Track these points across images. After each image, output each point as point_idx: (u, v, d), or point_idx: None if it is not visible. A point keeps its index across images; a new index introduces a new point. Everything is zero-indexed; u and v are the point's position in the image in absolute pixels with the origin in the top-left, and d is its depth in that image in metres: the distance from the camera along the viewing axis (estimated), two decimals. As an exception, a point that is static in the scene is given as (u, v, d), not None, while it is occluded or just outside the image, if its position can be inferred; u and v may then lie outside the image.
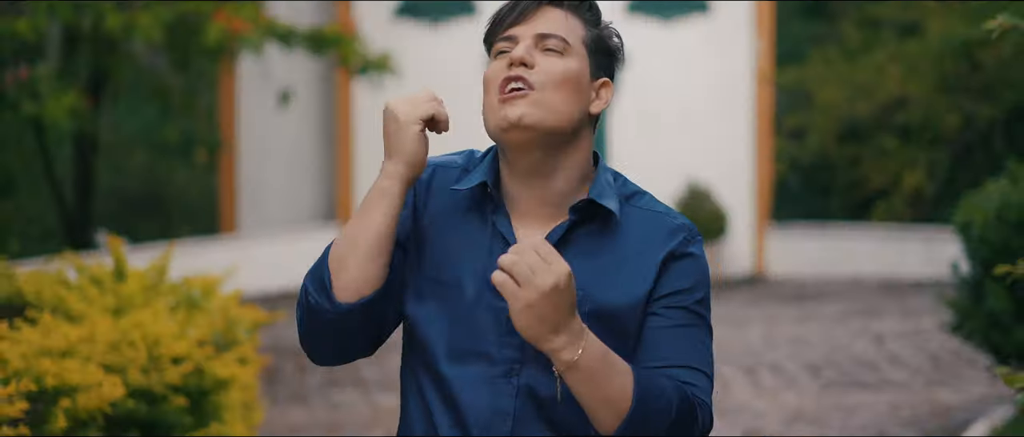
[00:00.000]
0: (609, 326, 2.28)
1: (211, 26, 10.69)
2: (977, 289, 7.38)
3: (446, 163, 2.45)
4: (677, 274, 2.34)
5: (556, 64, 2.32)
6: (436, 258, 2.35)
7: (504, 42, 2.37)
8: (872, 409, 8.60)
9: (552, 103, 2.30)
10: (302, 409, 9.22)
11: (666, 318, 2.31)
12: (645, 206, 2.42)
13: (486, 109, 2.36)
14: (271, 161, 17.67)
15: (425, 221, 2.38)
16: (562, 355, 2.17)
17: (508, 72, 2.31)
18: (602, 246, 2.34)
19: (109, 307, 4.78)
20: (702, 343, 2.34)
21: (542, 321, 2.15)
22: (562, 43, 2.34)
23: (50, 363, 3.65)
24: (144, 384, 4.23)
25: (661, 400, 2.22)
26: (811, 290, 15.51)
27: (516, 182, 2.35)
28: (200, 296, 5.14)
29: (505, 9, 2.39)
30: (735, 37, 17.16)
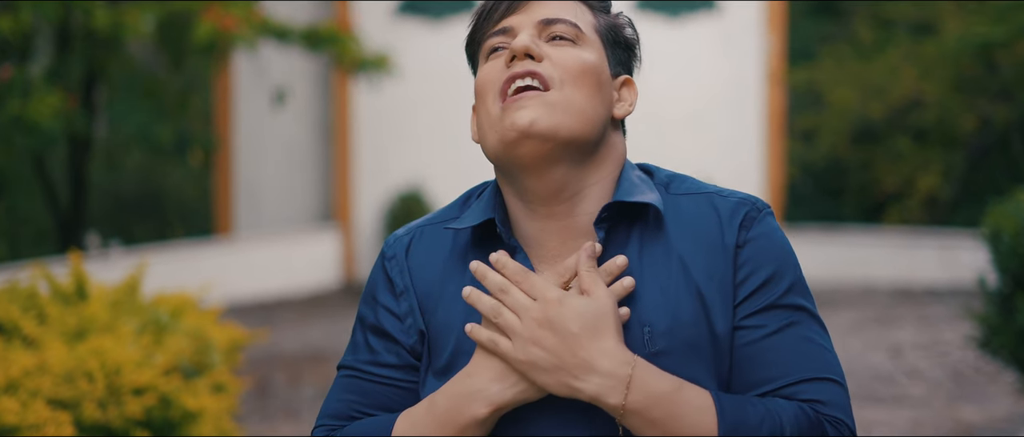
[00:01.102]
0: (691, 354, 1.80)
1: (201, 23, 10.37)
2: (1006, 303, 6.97)
3: (432, 221, 1.95)
4: (754, 258, 1.84)
5: (571, 54, 1.84)
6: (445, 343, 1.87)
7: (498, 37, 1.89)
8: (891, 426, 8.23)
9: (572, 103, 1.81)
10: (293, 424, 8.87)
11: (756, 328, 1.82)
12: (691, 189, 1.92)
13: (484, 123, 1.86)
14: (267, 161, 17.47)
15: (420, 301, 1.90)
16: (606, 400, 1.73)
17: (511, 70, 1.83)
18: (658, 255, 1.84)
19: (69, 330, 4.36)
20: (811, 342, 1.82)
21: (554, 369, 1.72)
22: (573, 29, 1.87)
23: (-15, 402, 3.25)
24: (101, 420, 3.82)
25: (762, 431, 1.72)
26: (823, 296, 15.14)
27: (534, 217, 1.86)
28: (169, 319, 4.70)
29: (488, 5, 1.92)
30: (745, 36, 16.94)
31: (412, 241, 1.91)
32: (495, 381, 1.75)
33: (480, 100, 1.86)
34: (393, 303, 1.89)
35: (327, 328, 13.09)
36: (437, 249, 1.89)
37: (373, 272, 1.94)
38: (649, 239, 1.84)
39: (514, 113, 1.79)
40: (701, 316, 1.81)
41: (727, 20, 16.92)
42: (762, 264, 1.84)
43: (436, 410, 1.77)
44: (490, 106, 1.84)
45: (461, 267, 1.87)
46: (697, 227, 1.86)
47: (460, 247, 1.89)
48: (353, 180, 16.82)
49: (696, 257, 1.84)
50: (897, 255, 16.15)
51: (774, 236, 1.87)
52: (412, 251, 1.90)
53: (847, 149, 17.80)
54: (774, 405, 1.77)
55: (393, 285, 1.90)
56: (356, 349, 1.92)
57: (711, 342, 1.81)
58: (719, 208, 1.88)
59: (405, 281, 1.88)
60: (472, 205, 1.92)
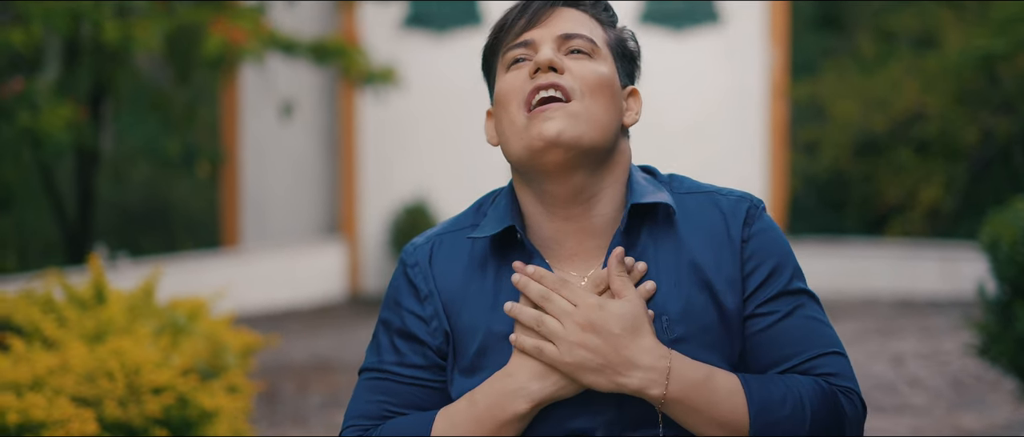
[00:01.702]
0: (708, 340, 1.99)
1: (211, 37, 10.48)
2: (1005, 311, 7.07)
3: (451, 229, 2.08)
4: (760, 251, 2.05)
5: (588, 67, 1.99)
6: (469, 344, 2.00)
7: (519, 49, 2.01)
8: (892, 433, 8.33)
9: (592, 113, 1.96)
10: (302, 431, 8.97)
11: (769, 315, 2.02)
12: (692, 189, 2.12)
13: (508, 130, 1.98)
14: (274, 174, 17.53)
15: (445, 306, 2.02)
16: (649, 392, 1.91)
17: (536, 81, 1.96)
18: (672, 253, 2.01)
19: (88, 332, 4.48)
20: (816, 320, 2.06)
21: (600, 369, 1.89)
22: (590, 44, 2.01)
23: (13, 399, 3.35)
24: (121, 417, 3.93)
25: (786, 407, 1.93)
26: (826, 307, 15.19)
27: (552, 218, 2.01)
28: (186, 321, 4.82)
29: (513, 13, 2.03)
30: (748, 49, 17.01)
31: (433, 249, 2.04)
32: (535, 379, 1.89)
33: (503, 108, 1.98)
34: (418, 307, 2.01)
35: (334, 339, 13.19)
36: (457, 256, 2.02)
37: (394, 279, 2.06)
38: (660, 235, 2.01)
39: (541, 124, 1.92)
40: (711, 304, 1.99)
41: (730, 33, 16.97)
42: (767, 257, 2.03)
43: (477, 408, 1.91)
44: (515, 115, 1.97)
45: (481, 272, 2.00)
46: (703, 223, 2.03)
47: (479, 253, 2.02)
48: (359, 192, 16.89)
49: (704, 251, 2.01)
50: (899, 267, 16.22)
51: (773, 230, 2.08)
52: (434, 258, 2.03)
53: (849, 162, 17.88)
54: (793, 382, 1.95)
55: (417, 291, 2.02)
56: (381, 352, 2.03)
57: (722, 328, 1.98)
58: (721, 206, 2.06)
59: (429, 286, 2.01)
60: (488, 212, 2.05)
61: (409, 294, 2.03)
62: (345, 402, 9.76)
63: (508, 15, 2.05)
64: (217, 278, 14.39)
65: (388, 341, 2.03)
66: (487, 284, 1.99)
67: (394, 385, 2.02)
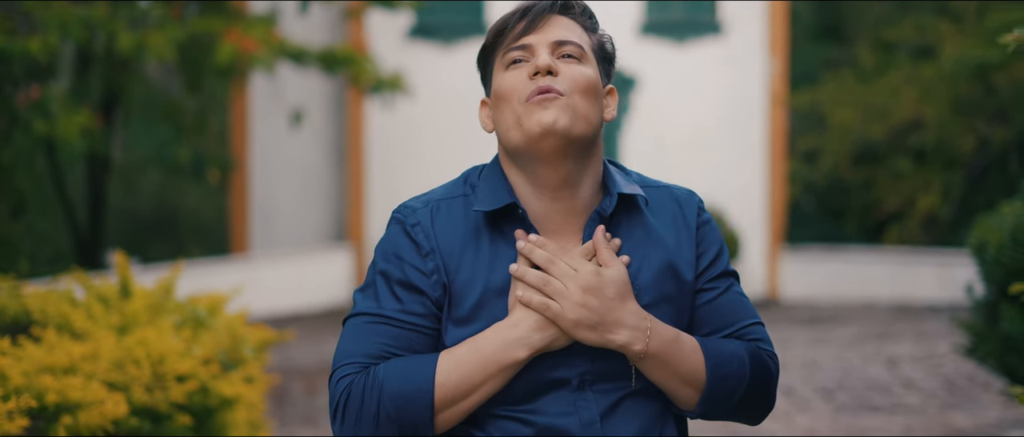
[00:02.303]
0: (669, 307, 2.30)
1: (222, 46, 10.69)
2: (992, 311, 7.29)
3: (445, 196, 2.35)
4: (708, 240, 2.38)
5: (578, 70, 2.27)
6: (465, 299, 2.27)
7: (518, 51, 2.29)
8: (885, 432, 8.54)
9: (580, 108, 2.25)
10: (311, 430, 9.18)
11: (713, 290, 2.36)
12: (650, 183, 2.41)
13: (507, 120, 2.26)
14: (282, 181, 17.70)
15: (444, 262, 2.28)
16: (632, 348, 2.22)
17: (536, 82, 2.24)
18: (641, 234, 2.32)
19: (114, 325, 4.73)
20: (743, 296, 2.40)
21: (596, 326, 2.19)
22: (579, 49, 2.29)
23: (52, 380, 3.61)
24: (148, 402, 4.18)
25: (733, 364, 2.28)
26: (825, 313, 15.44)
27: (543, 197, 2.28)
28: (206, 314, 5.08)
29: (512, 18, 2.31)
30: (749, 59, 17.17)
31: (433, 212, 2.31)
32: (536, 331, 2.19)
33: (504, 101, 2.27)
34: (420, 262, 2.28)
35: (341, 343, 13.38)
36: (456, 220, 2.29)
37: (393, 236, 2.33)
38: (632, 219, 2.32)
39: (541, 112, 2.22)
40: (672, 278, 2.32)
41: (731, 43, 17.15)
42: (713, 242, 2.38)
43: (482, 352, 2.19)
44: (515, 107, 2.25)
45: (476, 237, 2.27)
46: (665, 211, 2.36)
47: (475, 220, 2.29)
48: (366, 200, 17.05)
49: (667, 234, 2.34)
50: (897, 273, 16.41)
51: (713, 221, 2.41)
52: (435, 221, 2.29)
53: (849, 170, 18.04)
54: (735, 345, 2.33)
55: (419, 247, 2.29)
56: (381, 300, 2.28)
57: (680, 298, 2.33)
58: (677, 197, 2.40)
59: (432, 243, 2.28)
60: (480, 186, 2.32)
61: (411, 250, 2.28)
62: (353, 402, 10.00)
63: (508, 19, 2.31)
64: (226, 284, 14.58)
65: (388, 290, 2.28)
66: (483, 247, 2.26)
67: (394, 329, 2.26)
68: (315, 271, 16.59)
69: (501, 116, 2.28)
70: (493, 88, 2.31)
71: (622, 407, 2.26)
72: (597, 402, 2.24)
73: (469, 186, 2.34)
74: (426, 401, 2.19)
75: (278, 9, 13.19)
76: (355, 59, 11.90)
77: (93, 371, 3.94)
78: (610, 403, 2.25)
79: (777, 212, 17.18)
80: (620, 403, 2.26)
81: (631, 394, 2.27)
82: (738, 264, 16.88)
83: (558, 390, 2.23)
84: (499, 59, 2.32)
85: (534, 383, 2.23)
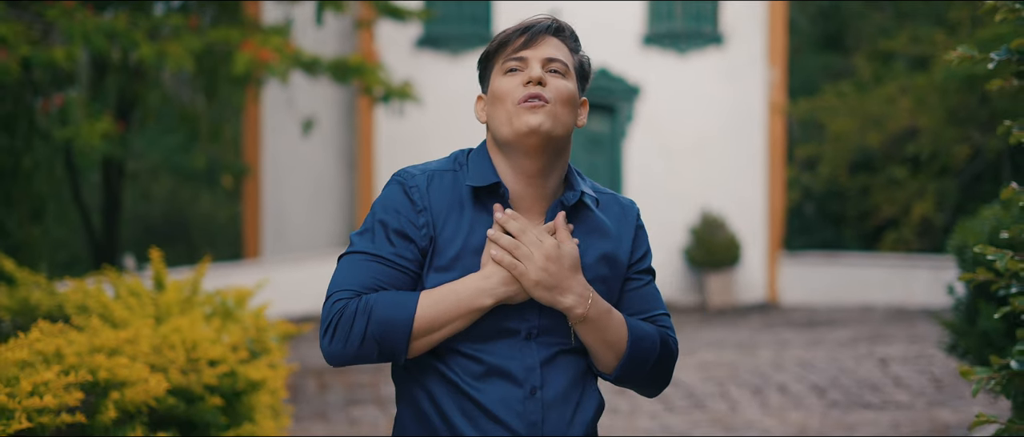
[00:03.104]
0: (603, 287, 2.81)
1: (239, 55, 11.05)
2: (971, 310, 7.67)
3: (439, 169, 2.83)
4: (640, 242, 2.90)
5: (561, 84, 2.76)
6: (446, 252, 2.74)
7: (515, 62, 2.78)
8: (874, 427, 8.90)
9: (561, 115, 2.74)
10: (323, 425, 9.52)
11: (640, 281, 2.89)
12: (600, 190, 2.92)
13: (500, 117, 2.76)
14: (294, 187, 17.97)
15: (433, 219, 2.76)
16: (574, 311, 2.72)
17: (527, 90, 2.72)
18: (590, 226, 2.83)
19: (149, 315, 5.14)
20: (658, 290, 2.94)
21: (551, 288, 2.70)
22: (564, 67, 2.79)
23: (103, 359, 4.01)
24: (183, 384, 4.59)
25: (648, 341, 2.81)
26: (822, 317, 15.79)
27: (520, 181, 2.78)
28: (234, 306, 5.50)
29: (513, 33, 2.81)
30: (749, 69, 17.47)
31: (429, 179, 2.80)
32: (502, 285, 2.71)
33: (500, 101, 2.77)
34: (414, 216, 2.76)
35: (351, 344, 13.75)
36: (446, 189, 2.79)
37: (393, 193, 2.80)
38: (583, 213, 2.85)
39: (529, 115, 2.72)
40: (608, 264, 2.84)
41: (731, 54, 17.44)
42: (644, 243, 2.93)
43: (457, 295, 2.69)
44: (508, 107, 2.75)
45: (460, 205, 2.77)
46: (612, 212, 2.90)
47: (461, 191, 2.78)
48: None
49: (610, 229, 2.86)
50: (893, 278, 16.74)
51: (645, 228, 2.95)
52: (430, 186, 2.78)
53: (846, 178, 18.34)
54: (649, 327, 2.86)
55: (415, 204, 2.76)
56: (376, 243, 2.75)
57: (612, 281, 2.84)
58: (622, 203, 2.93)
59: (425, 202, 2.77)
60: (469, 165, 2.82)
61: (408, 206, 2.75)
62: (364, 400, 10.40)
63: (510, 34, 2.81)
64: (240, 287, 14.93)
65: (384, 236, 2.74)
66: (466, 213, 2.76)
67: (385, 268, 2.72)
68: (326, 275, 16.52)
69: (495, 112, 2.77)
70: (491, 88, 2.82)
71: (558, 360, 2.77)
72: (538, 352, 2.74)
73: (458, 164, 2.83)
74: (405, 329, 2.67)
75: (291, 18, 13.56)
76: (366, 69, 12.24)
77: (135, 354, 4.35)
78: (550, 354, 2.75)
79: (776, 219, 17.49)
80: (557, 356, 2.76)
81: (567, 351, 2.78)
82: (739, 269, 17.23)
83: (509, 338, 2.73)
84: (498, 65, 2.81)
85: (491, 329, 2.72)
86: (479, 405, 2.71)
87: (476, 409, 2.72)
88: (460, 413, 2.72)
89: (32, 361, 3.71)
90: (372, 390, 10.85)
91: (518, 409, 2.72)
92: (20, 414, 3.37)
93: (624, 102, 17.42)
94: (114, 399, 4.03)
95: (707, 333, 14.32)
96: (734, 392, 10.25)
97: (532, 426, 2.72)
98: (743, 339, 13.62)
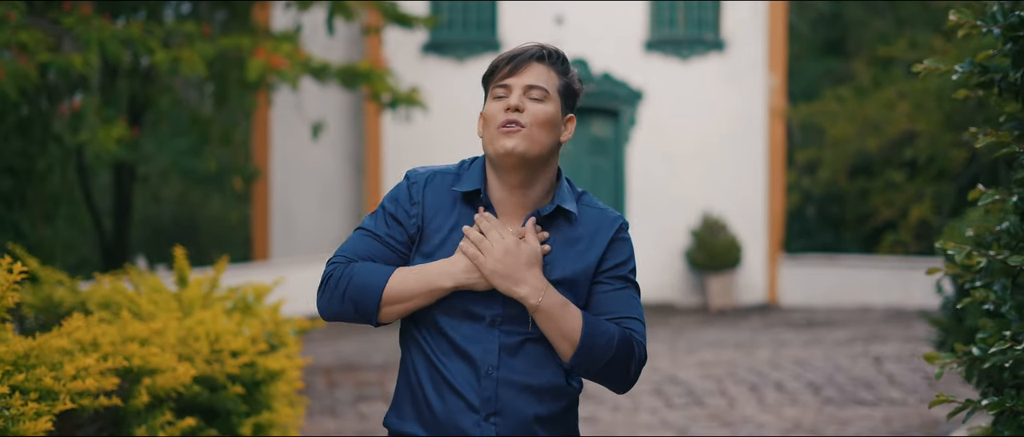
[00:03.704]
0: (570, 289, 3.15)
1: (253, 62, 11.34)
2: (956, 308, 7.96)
3: (443, 171, 3.23)
4: (615, 252, 3.21)
5: (539, 109, 3.11)
6: (432, 240, 3.14)
7: (500, 88, 3.13)
8: (866, 421, 9.19)
9: (536, 137, 3.10)
10: (333, 421, 9.80)
11: (609, 285, 3.20)
12: (590, 204, 3.24)
13: (486, 138, 3.15)
14: (302, 190, 18.20)
15: (424, 212, 3.16)
16: (528, 300, 3.07)
17: (505, 115, 3.08)
18: (566, 233, 3.17)
19: (173, 310, 5.44)
20: (634, 299, 3.23)
21: (505, 277, 3.06)
22: (543, 92, 3.13)
23: (136, 347, 4.31)
24: (208, 373, 4.89)
25: (603, 336, 3.11)
26: (821, 317, 16.07)
27: (503, 190, 3.15)
28: (253, 300, 5.81)
29: (502, 61, 3.16)
30: (749, 75, 17.72)
31: (428, 180, 3.20)
32: (464, 272, 3.09)
33: (487, 123, 3.16)
34: (408, 207, 3.18)
35: (357, 343, 14.06)
36: (440, 190, 3.19)
37: (399, 187, 3.22)
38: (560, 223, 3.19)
39: (505, 139, 3.10)
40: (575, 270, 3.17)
41: (733, 60, 17.72)
42: (620, 254, 3.22)
43: (424, 275, 3.10)
44: (492, 130, 3.13)
45: (450, 204, 3.16)
46: (591, 225, 3.22)
47: (452, 195, 3.17)
48: None
49: (586, 240, 3.20)
50: (891, 280, 16.99)
51: (629, 241, 3.26)
52: (428, 186, 3.19)
53: (845, 181, 18.57)
54: (610, 325, 3.16)
55: (411, 197, 3.17)
56: (376, 223, 3.19)
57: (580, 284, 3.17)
58: (607, 218, 3.24)
59: (419, 197, 3.18)
60: (466, 173, 3.21)
61: (406, 198, 3.17)
62: (372, 397, 10.70)
63: (499, 62, 3.16)
64: (249, 287, 15.17)
65: (383, 219, 3.18)
66: (455, 211, 3.16)
67: (378, 244, 3.15)
68: None
69: (484, 132, 3.17)
70: (483, 109, 3.19)
71: (523, 348, 3.12)
72: (500, 339, 3.12)
73: (462, 169, 3.24)
74: (375, 296, 3.09)
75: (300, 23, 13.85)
76: (375, 75, 12.51)
77: (163, 345, 4.65)
78: (514, 342, 3.12)
79: (776, 221, 17.75)
80: (522, 344, 3.12)
81: (531, 339, 3.12)
82: (739, 271, 17.48)
83: (475, 322, 3.10)
84: (491, 89, 3.18)
85: (461, 311, 3.10)
86: (445, 378, 3.10)
87: (442, 382, 3.10)
88: (431, 384, 3.11)
89: (71, 349, 4.02)
90: (380, 387, 11.15)
91: (474, 386, 3.08)
92: (65, 396, 3.68)
93: (627, 106, 17.70)
94: (146, 385, 4.33)
95: (707, 333, 14.61)
96: (732, 389, 10.54)
97: (487, 402, 3.08)
98: (743, 339, 13.92)
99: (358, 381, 11.50)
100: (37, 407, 3.49)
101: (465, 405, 3.07)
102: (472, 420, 3.08)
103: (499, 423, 3.09)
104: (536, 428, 3.12)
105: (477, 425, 3.08)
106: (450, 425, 3.09)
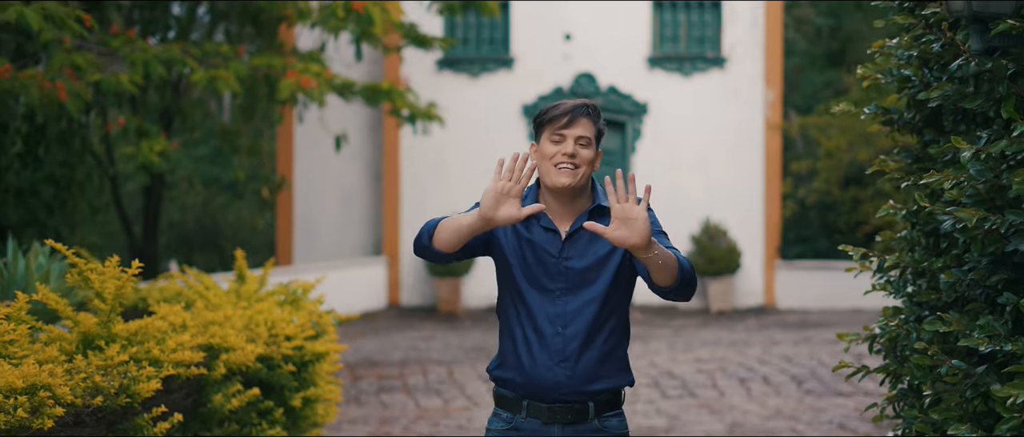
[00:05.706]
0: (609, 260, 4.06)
1: (285, 83, 12.23)
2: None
3: (527, 191, 4.08)
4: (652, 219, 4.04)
5: (586, 154, 4.03)
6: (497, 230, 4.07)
7: (557, 135, 4.03)
8: (840, 410, 10.08)
9: (582, 173, 4.01)
10: (358, 409, 10.67)
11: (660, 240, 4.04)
12: None
13: (544, 168, 4.04)
14: (324, 199, 18.87)
15: None
16: (652, 250, 3.80)
17: (562, 159, 3.97)
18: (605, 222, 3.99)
19: (234, 302, 6.43)
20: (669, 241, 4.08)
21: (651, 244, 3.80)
22: (588, 140, 4.04)
23: (216, 328, 5.30)
24: (266, 353, 5.87)
25: (686, 263, 3.92)
26: (813, 319, 16.82)
27: (556, 204, 4.05)
28: (301, 293, 6.81)
29: (558, 113, 4.06)
30: (748, 90, 18.39)
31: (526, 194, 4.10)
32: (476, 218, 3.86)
33: (546, 159, 4.05)
34: None
35: (378, 342, 14.97)
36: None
37: None
38: (599, 217, 4.07)
39: (562, 176, 4.00)
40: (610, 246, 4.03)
41: (732, 75, 18.42)
42: (655, 221, 4.07)
43: (458, 218, 3.93)
44: (549, 165, 4.03)
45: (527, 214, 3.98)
46: None
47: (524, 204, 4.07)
48: (401, 218, 18.21)
49: None
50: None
51: (652, 212, 4.05)
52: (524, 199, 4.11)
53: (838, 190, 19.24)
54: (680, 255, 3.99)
55: None
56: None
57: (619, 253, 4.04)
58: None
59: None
60: (531, 194, 4.11)
61: None
62: (393, 388, 11.60)
63: (556, 112, 4.04)
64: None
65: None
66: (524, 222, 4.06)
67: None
68: (353, 281, 17.68)
69: (542, 164, 4.07)
70: (540, 147, 4.08)
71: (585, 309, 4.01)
72: (564, 303, 4.03)
73: (529, 190, 4.11)
74: (429, 229, 3.98)
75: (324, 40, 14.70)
76: (395, 92, 13.33)
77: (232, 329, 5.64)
78: (577, 305, 4.01)
79: (773, 229, 18.45)
80: (584, 306, 4.01)
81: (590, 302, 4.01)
82: (738, 275, 18.20)
83: (544, 293, 4.03)
84: (547, 133, 4.07)
85: (537, 284, 4.03)
86: (526, 337, 4.01)
87: (526, 340, 4.01)
88: (523, 340, 4.01)
89: (166, 329, 4.99)
90: (400, 380, 12.02)
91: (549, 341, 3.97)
92: (168, 364, 4.65)
93: (633, 119, 18.43)
94: (223, 360, 5.32)
95: (706, 333, 15.48)
96: (723, 382, 11.45)
97: (558, 352, 3.97)
98: (737, 338, 14.77)
99: (379, 374, 12.37)
100: (148, 371, 4.46)
101: (546, 356, 3.95)
102: (549, 366, 3.95)
103: (571, 369, 3.96)
104: (598, 370, 3.99)
105: (551, 370, 3.95)
106: (534, 373, 3.97)
